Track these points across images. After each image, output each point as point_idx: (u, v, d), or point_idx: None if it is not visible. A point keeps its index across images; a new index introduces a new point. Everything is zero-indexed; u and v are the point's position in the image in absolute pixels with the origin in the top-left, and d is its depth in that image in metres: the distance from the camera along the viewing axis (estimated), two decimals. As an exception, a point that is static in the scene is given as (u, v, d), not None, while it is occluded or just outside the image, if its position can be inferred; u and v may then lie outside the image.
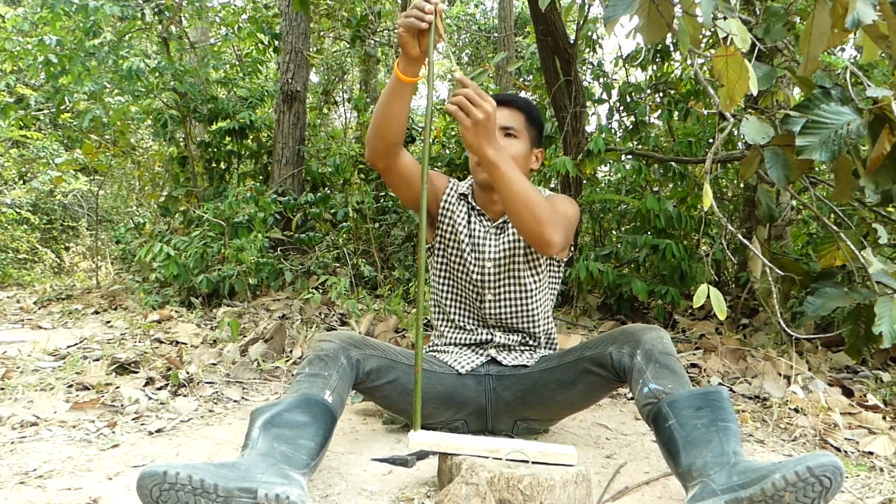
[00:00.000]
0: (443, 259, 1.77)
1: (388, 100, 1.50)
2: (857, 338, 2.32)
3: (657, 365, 1.42)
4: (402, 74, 1.46)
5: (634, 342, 1.48)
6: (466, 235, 1.72)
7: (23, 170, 7.14)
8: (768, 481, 1.09)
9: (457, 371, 1.70)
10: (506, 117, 1.66)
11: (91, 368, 2.23)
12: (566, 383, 1.61)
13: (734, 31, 1.42)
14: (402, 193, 1.68)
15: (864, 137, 1.83)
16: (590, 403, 1.70)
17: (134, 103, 4.69)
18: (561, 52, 3.56)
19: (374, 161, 1.59)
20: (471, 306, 1.76)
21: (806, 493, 1.08)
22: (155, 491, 1.08)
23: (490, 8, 10.57)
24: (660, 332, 1.50)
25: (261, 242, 3.72)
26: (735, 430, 1.28)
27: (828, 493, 1.09)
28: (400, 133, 1.54)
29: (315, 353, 1.47)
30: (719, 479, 1.17)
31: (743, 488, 1.12)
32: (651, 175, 3.91)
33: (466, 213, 1.75)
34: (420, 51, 1.43)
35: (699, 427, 1.28)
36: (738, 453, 1.23)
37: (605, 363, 1.52)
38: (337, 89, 7.51)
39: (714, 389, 1.35)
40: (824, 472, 1.08)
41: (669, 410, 1.33)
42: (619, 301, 3.59)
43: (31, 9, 5.68)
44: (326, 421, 1.35)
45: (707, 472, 1.20)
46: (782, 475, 1.09)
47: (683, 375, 1.42)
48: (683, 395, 1.34)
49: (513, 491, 1.19)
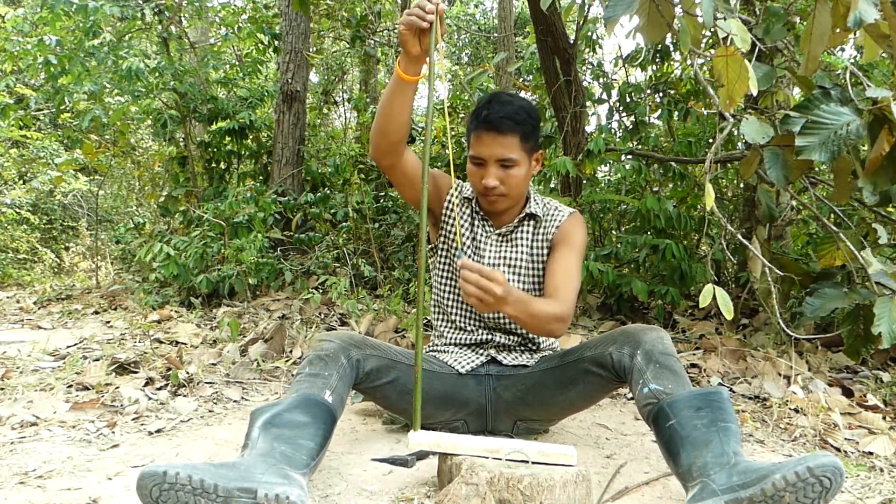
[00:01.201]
0: (445, 259, 1.77)
1: (389, 98, 1.49)
2: (856, 338, 2.32)
3: (657, 365, 1.42)
4: (403, 73, 1.46)
5: (635, 342, 1.47)
6: (469, 239, 1.73)
7: (23, 170, 7.14)
8: (768, 481, 1.09)
9: (457, 371, 1.70)
10: (501, 147, 1.60)
11: (91, 368, 2.23)
12: (566, 383, 1.61)
13: (734, 31, 1.42)
14: (405, 192, 1.68)
15: (864, 138, 1.83)
16: (590, 404, 1.70)
17: (134, 103, 4.68)
18: (561, 52, 3.56)
19: (378, 159, 1.59)
20: (471, 307, 1.75)
21: (806, 494, 1.08)
22: (155, 491, 1.08)
23: (490, 8, 10.57)
24: (660, 332, 1.50)
25: (261, 242, 3.72)
26: (735, 430, 1.28)
27: (828, 493, 1.09)
28: (403, 131, 1.53)
29: (315, 353, 1.47)
30: (719, 479, 1.17)
31: (743, 488, 1.12)
32: (651, 175, 3.91)
33: (470, 217, 1.76)
34: (421, 49, 1.42)
35: (699, 427, 1.28)
36: (738, 453, 1.23)
37: (605, 363, 1.51)
38: (337, 89, 7.50)
39: (714, 390, 1.35)
40: (824, 473, 1.08)
41: (670, 411, 1.33)
42: (619, 301, 3.59)
43: (31, 9, 5.69)
44: (326, 421, 1.35)
45: (707, 472, 1.20)
46: (782, 475, 1.09)
47: (684, 376, 1.42)
48: (684, 395, 1.34)
49: (513, 491, 1.19)
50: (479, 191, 1.67)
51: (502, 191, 1.64)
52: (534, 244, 1.72)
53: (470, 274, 1.30)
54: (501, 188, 1.63)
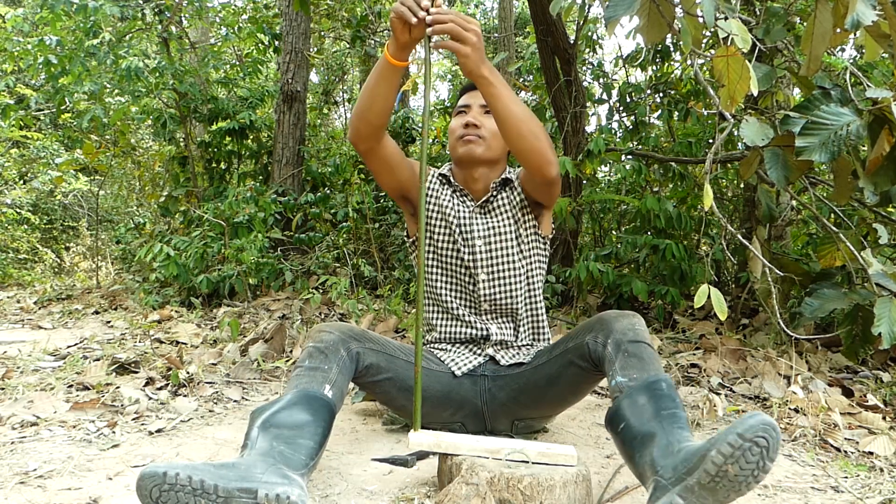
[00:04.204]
0: (432, 243, 1.75)
1: (374, 81, 1.49)
2: (854, 339, 2.32)
3: (625, 354, 1.39)
4: (391, 57, 1.45)
5: (607, 330, 1.46)
6: (454, 217, 1.72)
7: (23, 170, 7.14)
8: (708, 461, 1.07)
9: (453, 372, 1.69)
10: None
11: (91, 368, 2.23)
12: (554, 378, 1.60)
13: (735, 32, 1.42)
14: (383, 179, 1.69)
15: (864, 138, 1.83)
16: (578, 397, 1.68)
17: (134, 103, 4.69)
18: (561, 53, 3.57)
19: (356, 143, 1.59)
20: (464, 290, 1.73)
21: (747, 459, 1.06)
22: (155, 491, 1.07)
23: (490, 8, 10.58)
24: (632, 319, 1.47)
25: (261, 242, 3.72)
26: (681, 415, 1.25)
27: (768, 451, 1.07)
28: (383, 116, 1.53)
29: (315, 345, 1.47)
30: (666, 472, 1.14)
31: (689, 475, 1.10)
32: (651, 175, 3.91)
33: (451, 196, 1.76)
34: (409, 39, 1.42)
35: (644, 421, 1.25)
36: (682, 439, 1.19)
37: (584, 354, 1.50)
38: (337, 89, 7.51)
39: (655, 378, 1.32)
40: (756, 434, 1.06)
41: (620, 414, 1.30)
42: (619, 301, 3.59)
43: (31, 9, 5.68)
44: (326, 417, 1.35)
45: (656, 467, 1.17)
46: (717, 450, 1.07)
47: (651, 362, 1.38)
48: (631, 390, 1.31)
49: (513, 491, 1.19)
50: (459, 135, 1.70)
51: (481, 133, 1.69)
52: (514, 209, 1.73)
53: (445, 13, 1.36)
54: (481, 131, 1.69)
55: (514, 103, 1.46)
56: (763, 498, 1.41)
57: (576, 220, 3.78)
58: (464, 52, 1.38)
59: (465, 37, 1.36)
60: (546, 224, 1.77)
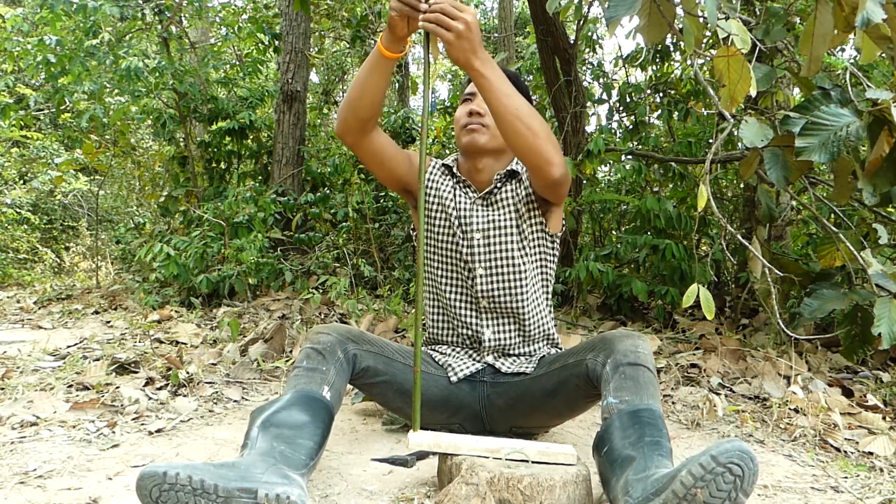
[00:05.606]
0: (431, 236, 1.71)
1: (366, 72, 1.48)
2: (853, 339, 2.32)
3: (622, 376, 1.34)
4: (384, 49, 1.44)
5: (608, 350, 1.42)
6: (453, 209, 1.68)
7: (23, 170, 7.15)
8: (677, 481, 1.03)
9: (449, 378, 1.67)
10: None
11: (91, 368, 2.23)
12: (551, 392, 1.57)
13: (735, 32, 1.42)
14: (376, 172, 1.67)
15: (864, 139, 1.83)
16: (575, 412, 1.65)
17: (134, 103, 4.69)
18: (561, 53, 3.57)
19: (342, 135, 1.56)
20: (462, 284, 1.69)
21: (718, 486, 1.00)
22: (155, 491, 1.07)
23: (490, 8, 10.59)
24: (636, 340, 1.42)
25: (261, 242, 3.72)
26: (664, 444, 1.21)
27: (742, 481, 1.01)
28: (373, 109, 1.51)
29: (312, 346, 1.46)
30: (636, 492, 1.10)
31: (656, 495, 1.06)
32: (651, 175, 3.92)
33: (452, 187, 1.71)
34: (407, 32, 1.41)
35: (626, 447, 1.21)
36: (660, 465, 1.14)
37: (581, 372, 1.47)
38: (337, 89, 7.51)
39: (645, 406, 1.28)
40: (730, 459, 1.00)
41: (604, 437, 1.28)
42: (619, 301, 3.59)
43: (31, 9, 5.68)
44: (324, 418, 1.35)
45: (627, 488, 1.13)
46: (688, 471, 1.02)
47: (646, 387, 1.33)
48: (620, 413, 1.28)
49: (513, 491, 1.19)
50: (463, 124, 1.66)
51: (485, 121, 1.65)
52: (518, 202, 1.66)
53: (439, 2, 1.32)
54: (485, 119, 1.65)
55: (509, 97, 1.39)
56: (763, 498, 1.41)
57: (576, 220, 3.78)
58: (446, 38, 1.33)
59: (449, 24, 1.32)
60: (555, 221, 1.70)
